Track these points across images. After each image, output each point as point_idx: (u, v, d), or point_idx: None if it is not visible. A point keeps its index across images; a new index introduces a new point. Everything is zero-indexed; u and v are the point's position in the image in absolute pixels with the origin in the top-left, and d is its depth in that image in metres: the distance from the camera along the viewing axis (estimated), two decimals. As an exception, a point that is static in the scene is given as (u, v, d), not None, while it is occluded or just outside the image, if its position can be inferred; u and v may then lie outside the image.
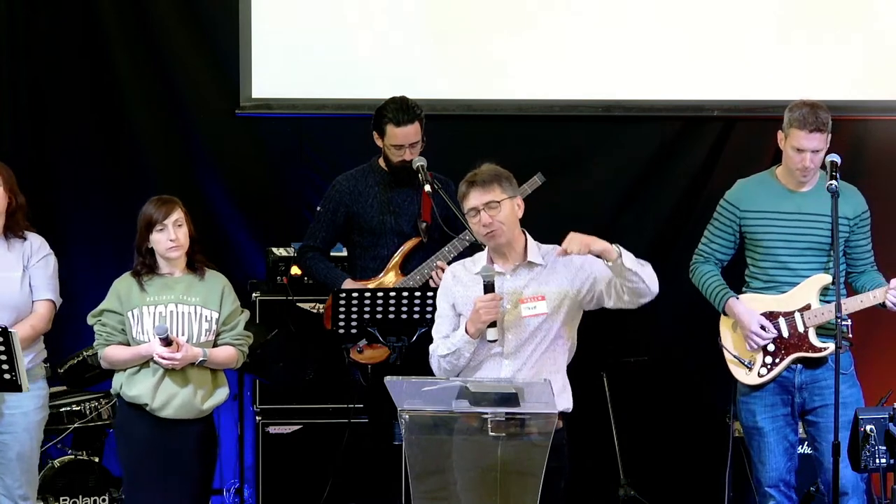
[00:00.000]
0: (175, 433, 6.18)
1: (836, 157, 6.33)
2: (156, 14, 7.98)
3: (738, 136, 8.22)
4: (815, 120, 6.29)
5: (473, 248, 6.62)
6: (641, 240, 8.22)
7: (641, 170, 8.22)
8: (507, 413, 5.38)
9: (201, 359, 6.16)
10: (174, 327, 6.18)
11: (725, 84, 8.11)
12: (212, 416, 6.33)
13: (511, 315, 5.64)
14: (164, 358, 6.10)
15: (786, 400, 6.38)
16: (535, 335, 5.66)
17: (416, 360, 6.35)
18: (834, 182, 6.24)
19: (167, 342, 6.08)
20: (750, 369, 6.43)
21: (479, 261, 5.76)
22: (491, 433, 5.38)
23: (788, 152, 6.35)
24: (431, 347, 5.77)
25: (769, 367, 6.40)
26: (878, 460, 6.02)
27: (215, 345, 6.26)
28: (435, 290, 6.45)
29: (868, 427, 6.02)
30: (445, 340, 5.70)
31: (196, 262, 6.29)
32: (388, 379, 5.43)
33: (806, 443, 6.89)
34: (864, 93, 7.95)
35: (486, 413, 5.37)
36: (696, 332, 8.16)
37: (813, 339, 6.37)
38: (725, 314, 6.52)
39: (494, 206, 5.61)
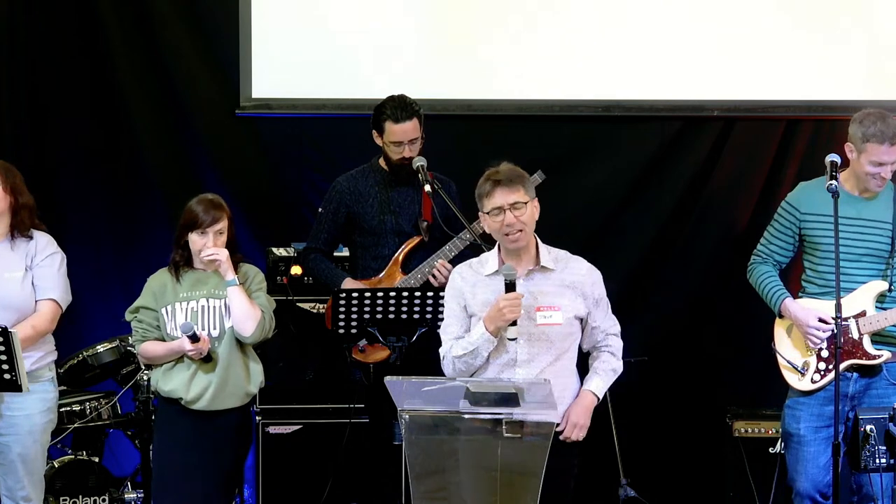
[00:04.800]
0: (210, 424, 6.25)
1: (835, 157, 6.31)
2: (156, 14, 7.98)
3: (738, 136, 8.21)
4: (893, 133, 6.22)
5: (473, 247, 6.62)
6: (641, 240, 8.23)
7: (641, 170, 8.21)
8: (507, 413, 5.39)
9: (231, 278, 6.19)
10: (205, 321, 6.25)
11: (725, 84, 8.10)
12: (248, 406, 6.40)
13: (526, 322, 5.60)
14: (192, 352, 6.19)
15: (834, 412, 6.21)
16: (550, 344, 5.63)
17: (416, 360, 6.35)
18: (833, 182, 6.22)
19: (194, 339, 6.15)
20: (803, 375, 6.37)
21: (486, 262, 5.73)
22: (506, 434, 5.38)
23: (865, 167, 6.26)
24: (443, 349, 5.71)
25: (822, 372, 6.31)
26: (878, 460, 6.02)
27: None
28: (435, 290, 6.47)
29: (868, 427, 6.02)
30: (460, 341, 5.65)
31: (232, 260, 6.31)
32: (387, 379, 5.43)
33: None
34: (864, 93, 7.94)
35: (499, 414, 5.37)
36: (696, 331, 8.18)
37: (867, 345, 6.30)
38: (781, 316, 6.44)
39: (520, 206, 5.58)
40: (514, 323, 5.55)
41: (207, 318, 6.26)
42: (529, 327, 5.60)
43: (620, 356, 5.82)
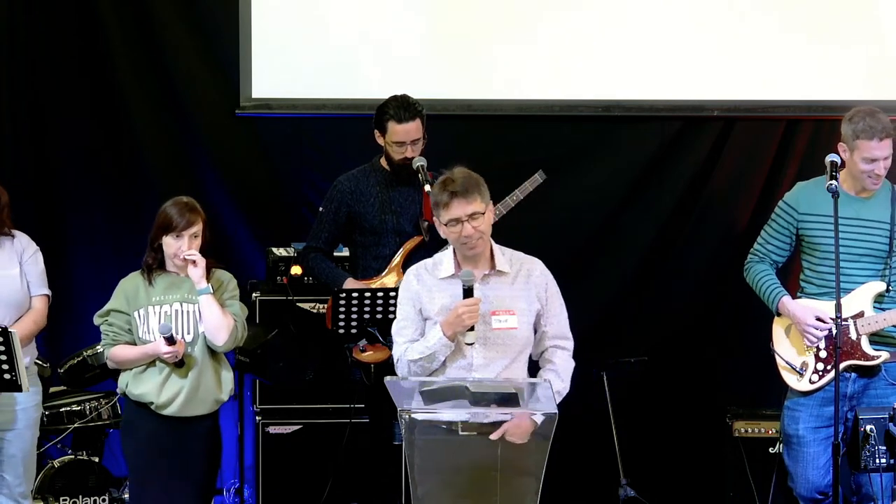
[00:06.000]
0: (179, 431, 6.19)
1: (835, 157, 6.31)
2: (156, 14, 7.97)
3: (738, 136, 8.21)
4: (882, 127, 6.23)
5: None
6: (641, 240, 8.23)
7: (641, 170, 8.21)
8: (506, 413, 5.40)
9: (204, 286, 6.13)
10: (179, 326, 6.19)
11: (725, 84, 8.10)
12: (217, 412, 6.34)
13: (481, 326, 5.55)
14: (168, 355, 6.12)
15: (833, 412, 6.18)
16: (506, 348, 5.59)
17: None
18: (834, 182, 6.22)
19: (171, 341, 6.10)
20: (802, 375, 6.37)
21: (440, 263, 5.67)
22: (461, 433, 5.38)
23: (859, 164, 6.26)
24: (397, 352, 5.65)
25: (821, 373, 6.31)
26: (878, 460, 6.02)
27: None
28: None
29: (868, 427, 6.02)
30: (416, 345, 5.59)
31: (206, 265, 6.28)
32: (388, 379, 5.43)
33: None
34: (864, 93, 7.94)
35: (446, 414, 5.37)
36: (696, 331, 8.19)
37: (866, 346, 6.30)
38: (779, 314, 6.43)
39: (478, 217, 5.52)
40: (472, 328, 5.52)
41: (181, 322, 6.20)
42: (485, 331, 5.56)
43: (567, 376, 5.67)
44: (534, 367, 5.75)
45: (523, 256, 5.71)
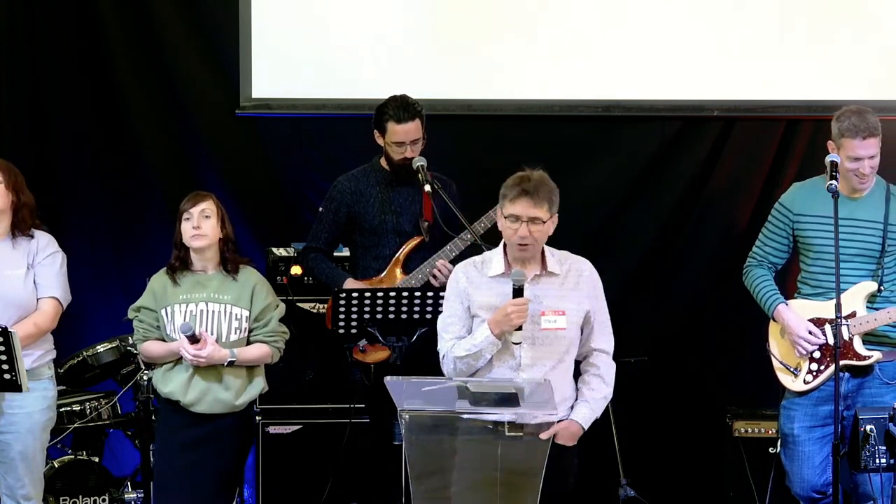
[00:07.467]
0: (208, 427, 6.26)
1: (836, 158, 6.31)
2: (156, 14, 7.98)
3: (738, 136, 8.21)
4: (866, 126, 6.24)
5: (474, 247, 6.62)
6: (641, 240, 8.23)
7: (641, 170, 8.21)
8: (508, 413, 5.40)
9: (230, 359, 6.21)
10: (204, 326, 6.24)
11: (725, 84, 8.10)
12: (250, 407, 6.41)
13: (529, 325, 5.57)
14: (190, 355, 6.17)
15: (830, 411, 6.20)
16: (553, 348, 5.61)
17: (416, 360, 6.35)
18: (834, 182, 6.22)
19: (194, 339, 6.15)
20: (796, 376, 6.38)
21: (489, 262, 5.69)
22: (508, 433, 5.38)
23: (844, 163, 6.27)
24: (443, 348, 5.68)
25: (815, 373, 6.33)
26: (878, 460, 6.02)
27: (248, 342, 6.32)
28: (435, 290, 6.47)
29: (868, 427, 6.02)
30: (462, 342, 5.62)
31: (229, 261, 6.32)
32: (388, 379, 5.43)
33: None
34: (865, 93, 7.94)
35: (493, 414, 5.37)
36: (696, 331, 8.18)
37: (858, 346, 6.30)
38: (775, 320, 6.46)
39: (538, 223, 5.55)
40: (519, 327, 5.54)
41: (206, 321, 6.25)
42: (534, 331, 5.59)
43: (611, 380, 5.78)
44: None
45: (571, 256, 5.75)
